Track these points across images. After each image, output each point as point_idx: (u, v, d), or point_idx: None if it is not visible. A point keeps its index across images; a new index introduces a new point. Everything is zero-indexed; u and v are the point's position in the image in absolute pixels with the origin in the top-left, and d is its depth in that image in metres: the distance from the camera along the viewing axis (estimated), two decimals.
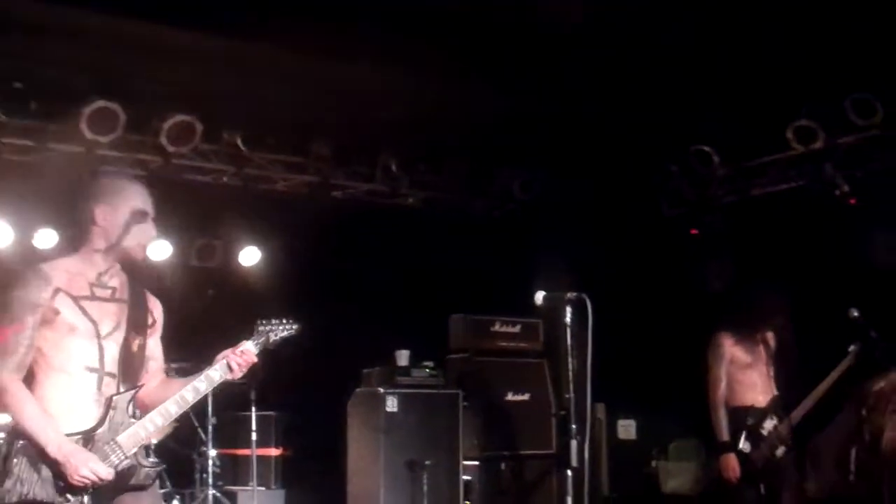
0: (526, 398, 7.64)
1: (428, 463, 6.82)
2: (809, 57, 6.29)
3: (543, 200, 8.43)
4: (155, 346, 3.71)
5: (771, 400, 6.08)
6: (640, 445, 8.21)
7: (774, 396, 6.09)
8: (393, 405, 6.96)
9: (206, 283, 8.51)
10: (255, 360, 3.73)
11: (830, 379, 5.92)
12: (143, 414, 3.53)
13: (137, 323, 3.60)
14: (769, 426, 6.00)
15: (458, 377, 7.47)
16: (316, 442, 8.04)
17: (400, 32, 6.04)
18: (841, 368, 5.93)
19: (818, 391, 5.95)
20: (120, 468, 3.41)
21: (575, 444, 4.36)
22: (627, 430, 8.28)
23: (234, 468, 8.35)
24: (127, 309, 3.58)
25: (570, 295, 4.53)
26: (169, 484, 7.58)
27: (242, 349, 3.71)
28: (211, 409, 7.70)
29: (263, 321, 3.85)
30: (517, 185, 8.38)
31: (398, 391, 7.04)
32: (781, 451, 5.96)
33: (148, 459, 3.55)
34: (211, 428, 7.78)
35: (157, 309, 3.73)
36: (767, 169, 7.78)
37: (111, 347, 3.49)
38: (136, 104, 6.72)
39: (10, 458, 3.29)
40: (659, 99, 6.95)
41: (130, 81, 6.52)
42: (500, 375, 7.63)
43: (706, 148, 7.74)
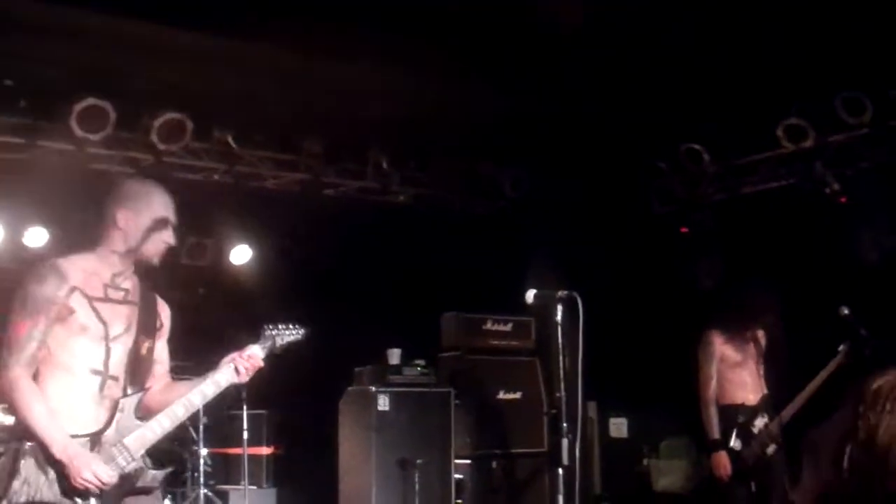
0: (518, 396, 7.64)
1: (420, 461, 6.82)
2: (800, 55, 6.30)
3: (534, 198, 8.43)
4: (162, 349, 3.71)
5: (761, 398, 6.10)
6: (631, 444, 8.23)
7: (765, 395, 6.11)
8: (384, 404, 6.95)
9: (196, 281, 8.49)
10: (261, 364, 3.73)
11: (821, 377, 5.94)
12: (145, 416, 3.52)
13: (147, 326, 3.60)
14: (760, 424, 6.02)
15: (449, 375, 7.48)
16: (307, 441, 8.04)
17: (391, 30, 6.03)
18: (831, 367, 5.94)
19: (808, 389, 5.96)
20: (127, 470, 3.41)
21: (566, 442, 4.35)
22: (619, 428, 8.29)
23: (225, 467, 8.34)
24: (137, 312, 3.58)
25: (560, 293, 4.52)
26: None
27: (249, 353, 3.70)
28: (202, 407, 7.68)
29: (270, 325, 3.83)
30: (508, 182, 8.38)
31: (390, 390, 7.03)
32: (772, 449, 5.98)
33: (147, 461, 3.54)
34: (202, 427, 7.77)
35: (165, 312, 3.73)
36: (758, 167, 7.79)
37: (117, 350, 3.48)
38: (126, 102, 6.69)
39: (18, 458, 3.29)
40: (649, 97, 6.95)
41: (121, 79, 6.49)
42: (491, 374, 7.64)
43: (696, 146, 7.75)
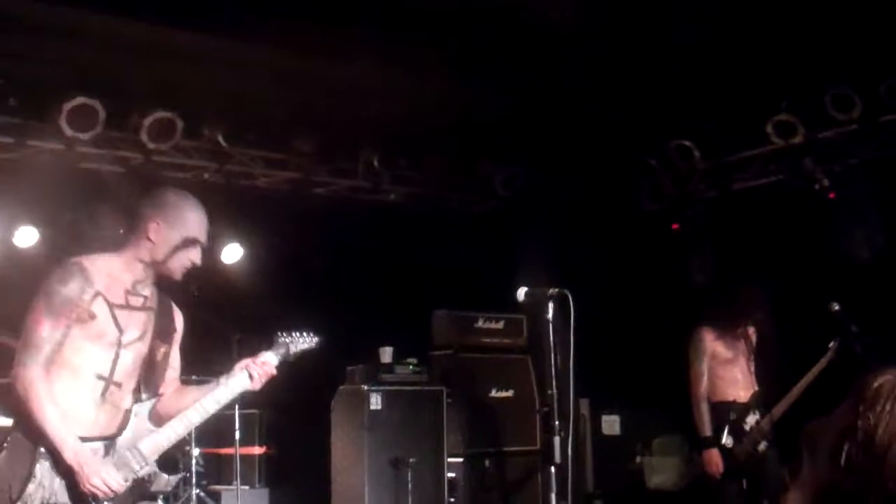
0: (510, 394, 7.64)
1: (412, 460, 6.81)
2: (789, 52, 6.32)
3: (525, 196, 8.44)
4: (175, 355, 3.71)
5: (753, 395, 6.11)
6: (624, 441, 8.23)
7: (756, 391, 6.12)
8: (377, 402, 6.94)
9: (187, 280, 8.46)
10: (274, 372, 3.73)
11: (811, 374, 5.95)
12: (155, 422, 3.52)
13: (164, 331, 3.61)
14: (751, 421, 6.03)
15: (441, 374, 7.47)
16: (300, 440, 8.02)
17: (381, 29, 6.03)
18: (822, 363, 5.95)
19: (799, 386, 5.97)
20: (140, 475, 3.41)
21: (559, 440, 4.35)
22: (611, 425, 8.30)
23: (217, 467, 8.31)
24: (154, 318, 3.58)
25: (551, 290, 4.52)
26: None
27: (263, 360, 3.70)
28: None
29: (283, 333, 3.83)
30: (499, 180, 8.38)
31: (382, 388, 7.02)
32: (763, 445, 6.00)
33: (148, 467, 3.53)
34: (194, 427, 7.73)
35: (179, 318, 3.74)
36: (747, 163, 7.81)
37: (126, 357, 3.47)
38: (116, 101, 6.67)
39: (34, 461, 3.28)
40: (639, 94, 6.96)
41: (110, 78, 6.47)
42: (483, 372, 7.63)
43: (687, 143, 7.77)
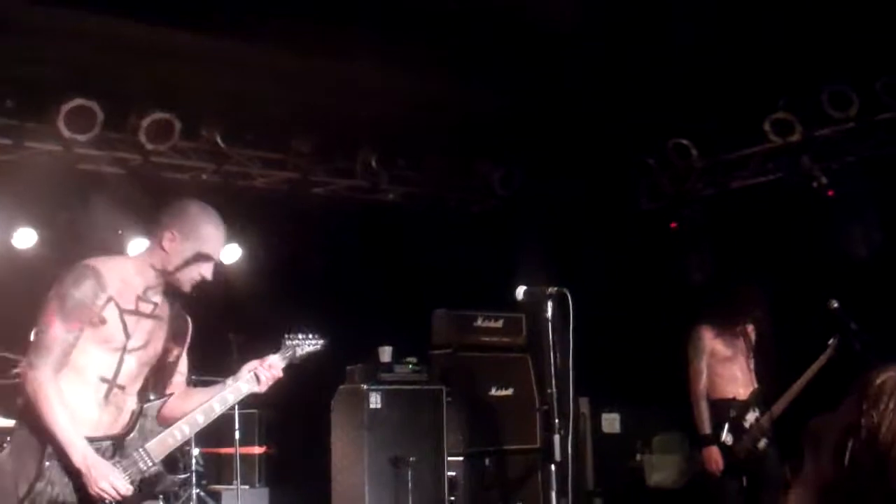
0: (509, 393, 7.65)
1: (412, 459, 6.82)
2: (786, 50, 6.33)
3: (523, 195, 8.44)
4: (183, 359, 3.73)
5: (752, 392, 6.12)
6: (624, 439, 8.23)
7: (755, 389, 6.13)
8: (376, 402, 6.94)
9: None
10: (280, 375, 3.73)
11: (811, 371, 5.96)
12: (161, 423, 3.54)
13: (178, 335, 3.63)
14: (751, 418, 6.04)
15: (441, 373, 7.47)
16: (300, 440, 8.02)
17: (379, 29, 6.03)
18: (821, 361, 5.96)
19: (799, 384, 5.98)
20: (147, 475, 3.43)
21: (559, 438, 4.35)
22: (611, 423, 8.30)
23: (217, 467, 8.31)
24: (162, 325, 3.58)
25: (550, 289, 4.52)
26: None
27: (270, 363, 3.71)
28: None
29: (290, 335, 3.84)
30: (497, 180, 8.38)
31: (381, 387, 7.02)
32: (763, 443, 6.01)
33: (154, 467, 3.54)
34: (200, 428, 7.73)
35: (188, 325, 3.75)
36: (745, 162, 7.82)
37: (130, 362, 3.49)
38: (114, 102, 6.67)
39: (42, 460, 3.29)
40: (637, 93, 6.97)
41: (108, 79, 6.47)
42: (483, 370, 7.64)
43: (684, 141, 7.77)
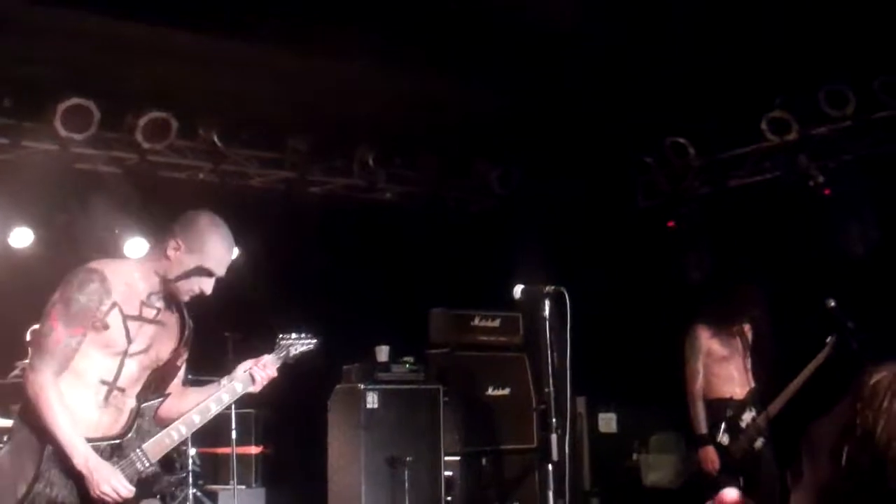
0: (506, 393, 7.64)
1: (409, 459, 6.80)
2: (783, 49, 6.33)
3: (521, 194, 8.44)
4: (180, 362, 3.71)
5: (749, 392, 6.11)
6: (620, 439, 8.23)
7: (752, 388, 6.13)
8: (373, 401, 6.93)
9: None
10: (275, 374, 3.74)
11: (808, 370, 5.96)
12: (158, 423, 3.53)
13: (175, 343, 3.61)
14: (748, 418, 6.04)
15: (438, 372, 7.46)
16: (296, 439, 8.02)
17: (377, 28, 6.02)
18: (819, 359, 5.96)
19: (796, 383, 5.98)
20: (144, 475, 3.42)
21: (556, 437, 4.35)
22: (608, 423, 8.30)
23: (214, 467, 8.30)
24: (165, 331, 3.57)
25: (548, 288, 4.52)
26: None
27: (265, 362, 3.72)
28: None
29: (284, 335, 3.85)
30: (494, 179, 8.38)
31: (378, 387, 7.01)
32: (760, 442, 6.00)
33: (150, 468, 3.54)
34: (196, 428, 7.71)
35: (188, 329, 3.74)
36: (742, 160, 7.82)
37: (131, 365, 3.48)
38: (110, 101, 6.67)
39: (41, 461, 3.28)
40: (634, 92, 6.97)
41: (105, 78, 6.47)
42: (480, 370, 7.63)
43: (681, 140, 7.77)
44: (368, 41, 6.14)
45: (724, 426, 5.99)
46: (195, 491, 7.70)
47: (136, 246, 7.76)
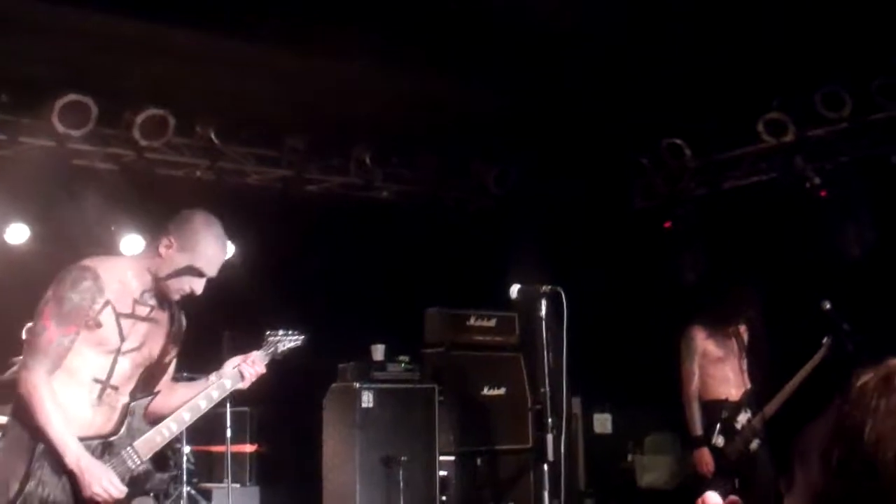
0: (502, 393, 7.64)
1: (404, 458, 6.80)
2: (780, 50, 6.34)
3: (517, 194, 8.44)
4: (171, 359, 3.74)
5: (744, 393, 6.12)
6: (615, 439, 8.24)
7: (747, 390, 6.13)
8: (368, 400, 6.93)
9: None
10: (264, 370, 3.75)
11: (804, 372, 5.96)
12: (148, 420, 3.53)
13: (167, 340, 3.63)
14: (743, 420, 6.04)
15: (433, 371, 7.46)
16: (291, 438, 8.01)
17: (374, 26, 6.02)
18: (815, 361, 5.97)
19: (792, 384, 5.99)
20: (136, 473, 3.42)
21: (551, 437, 4.36)
22: (603, 424, 8.30)
23: (208, 465, 8.28)
24: (157, 328, 3.59)
25: (545, 288, 4.52)
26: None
27: (253, 359, 3.73)
28: None
29: (271, 332, 3.86)
30: (491, 178, 8.38)
31: (374, 386, 7.00)
32: (755, 444, 6.01)
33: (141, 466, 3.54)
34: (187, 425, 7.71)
35: (182, 326, 3.75)
36: (739, 162, 7.83)
37: (124, 363, 3.48)
38: (108, 98, 6.65)
39: (33, 460, 3.28)
40: (630, 93, 6.97)
41: (103, 75, 6.46)
42: (475, 370, 7.62)
43: (678, 141, 7.78)
44: (367, 41, 6.14)
45: (718, 428, 6.00)
46: (189, 489, 7.69)
47: (132, 243, 7.75)
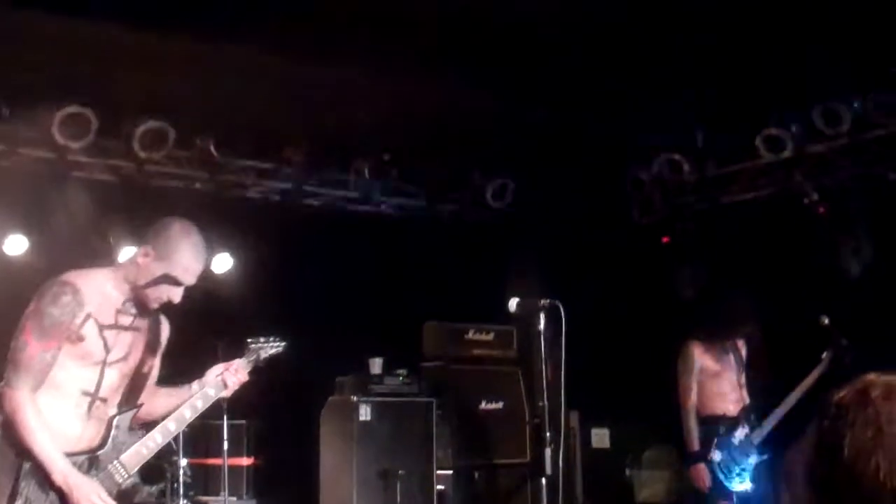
0: (500, 406, 7.62)
1: (401, 472, 6.78)
2: (778, 66, 6.36)
3: (516, 208, 8.45)
4: (155, 365, 3.72)
5: (742, 409, 6.11)
6: (613, 454, 8.22)
7: (746, 405, 6.13)
8: (366, 414, 6.91)
9: None
10: (246, 378, 3.76)
11: (803, 387, 5.96)
12: (134, 428, 3.52)
13: (152, 346, 3.63)
14: (741, 435, 6.03)
15: (431, 385, 7.45)
16: (288, 451, 7.98)
17: (373, 38, 6.04)
18: (813, 376, 5.97)
19: (790, 399, 5.98)
20: (123, 487, 3.42)
21: (549, 452, 4.34)
22: (601, 438, 8.28)
23: (205, 478, 8.25)
24: (144, 333, 3.59)
25: (543, 301, 4.51)
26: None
27: (236, 367, 3.73)
28: None
29: (252, 340, 3.87)
30: (490, 192, 8.39)
31: (371, 399, 6.99)
32: (753, 460, 5.99)
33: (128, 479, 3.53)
34: (181, 437, 7.69)
35: (165, 332, 3.75)
36: (737, 177, 7.84)
37: (111, 374, 3.48)
38: (108, 109, 6.66)
39: (19, 479, 3.27)
40: (630, 107, 6.99)
41: (103, 87, 6.47)
42: (473, 383, 7.61)
43: (677, 156, 7.79)
44: (367, 52, 6.15)
45: (715, 443, 5.98)
46: (186, 502, 7.66)
47: (129, 255, 7.75)
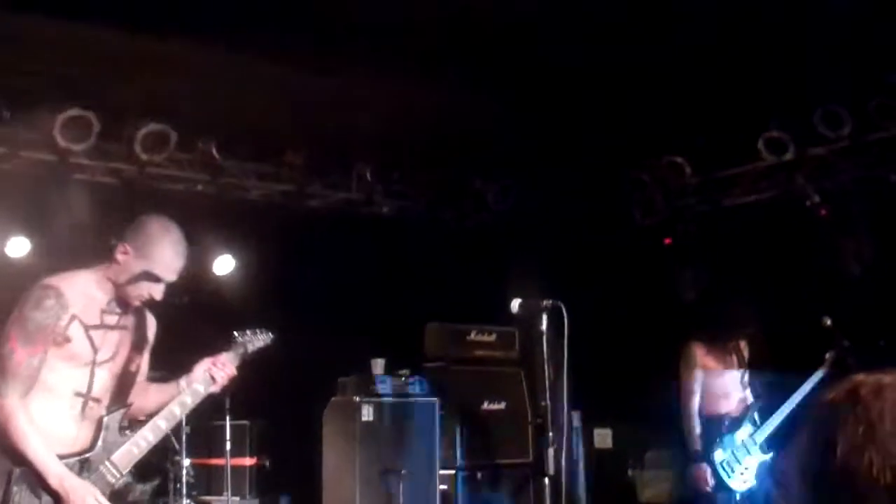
0: (502, 407, 7.63)
1: (404, 472, 6.79)
2: (780, 69, 6.37)
3: (518, 209, 8.46)
4: (144, 362, 3.72)
5: (744, 409, 6.12)
6: (616, 454, 8.22)
7: (748, 405, 6.14)
8: (368, 414, 6.92)
9: (180, 291, 8.43)
10: (234, 372, 3.75)
11: (805, 388, 5.97)
12: (125, 427, 3.53)
13: (139, 344, 3.63)
14: (743, 435, 6.04)
15: (434, 386, 7.46)
16: (291, 451, 7.99)
17: (374, 42, 6.05)
18: (816, 377, 5.98)
19: (792, 400, 5.99)
20: (116, 487, 3.42)
21: (552, 452, 4.35)
22: (604, 439, 8.29)
23: (207, 478, 8.26)
24: (130, 332, 3.60)
25: (546, 302, 4.52)
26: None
27: (223, 362, 3.73)
28: (184, 417, 7.62)
29: (239, 333, 3.86)
30: (492, 194, 8.40)
31: (374, 400, 7.00)
32: (756, 460, 6.00)
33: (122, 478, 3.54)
34: (184, 437, 7.71)
35: (152, 329, 3.75)
36: (739, 179, 7.85)
37: (102, 374, 3.48)
38: (110, 112, 6.68)
39: (10, 484, 3.27)
40: (631, 110, 7.00)
41: (105, 89, 6.48)
42: (476, 384, 7.62)
43: (678, 158, 7.80)
44: (367, 55, 6.16)
45: (718, 442, 5.99)
46: (189, 502, 7.67)
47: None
